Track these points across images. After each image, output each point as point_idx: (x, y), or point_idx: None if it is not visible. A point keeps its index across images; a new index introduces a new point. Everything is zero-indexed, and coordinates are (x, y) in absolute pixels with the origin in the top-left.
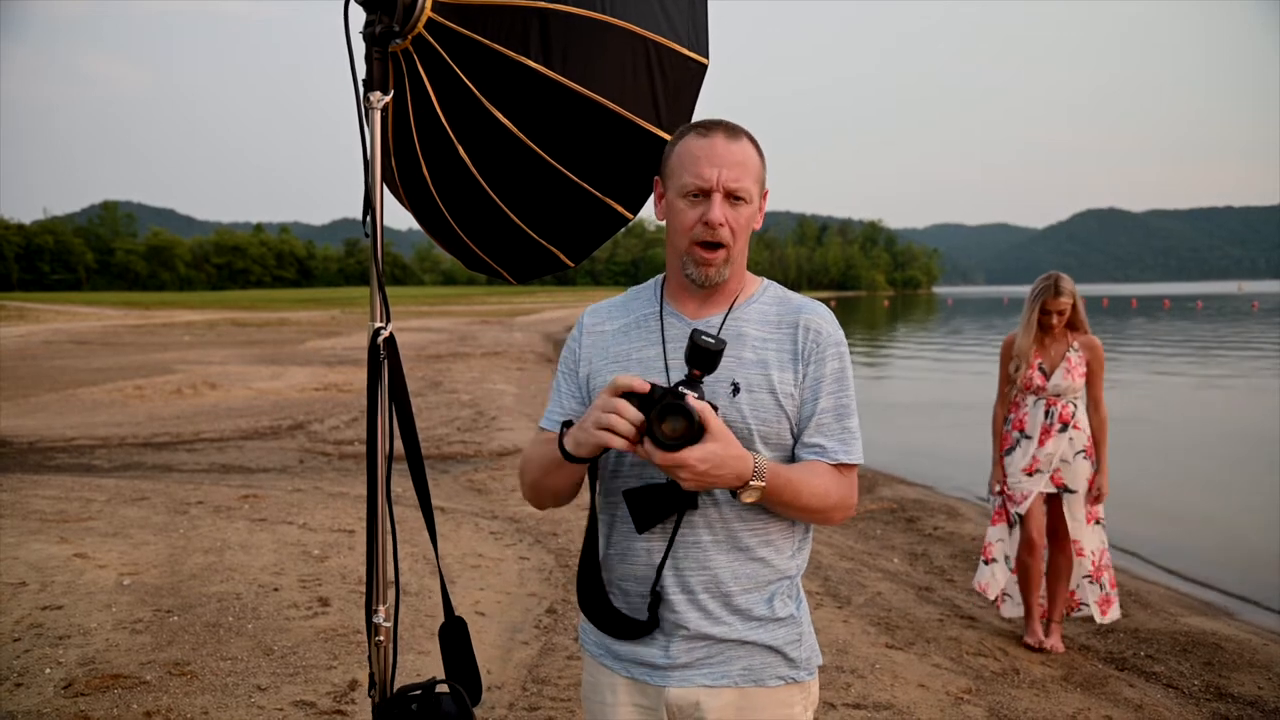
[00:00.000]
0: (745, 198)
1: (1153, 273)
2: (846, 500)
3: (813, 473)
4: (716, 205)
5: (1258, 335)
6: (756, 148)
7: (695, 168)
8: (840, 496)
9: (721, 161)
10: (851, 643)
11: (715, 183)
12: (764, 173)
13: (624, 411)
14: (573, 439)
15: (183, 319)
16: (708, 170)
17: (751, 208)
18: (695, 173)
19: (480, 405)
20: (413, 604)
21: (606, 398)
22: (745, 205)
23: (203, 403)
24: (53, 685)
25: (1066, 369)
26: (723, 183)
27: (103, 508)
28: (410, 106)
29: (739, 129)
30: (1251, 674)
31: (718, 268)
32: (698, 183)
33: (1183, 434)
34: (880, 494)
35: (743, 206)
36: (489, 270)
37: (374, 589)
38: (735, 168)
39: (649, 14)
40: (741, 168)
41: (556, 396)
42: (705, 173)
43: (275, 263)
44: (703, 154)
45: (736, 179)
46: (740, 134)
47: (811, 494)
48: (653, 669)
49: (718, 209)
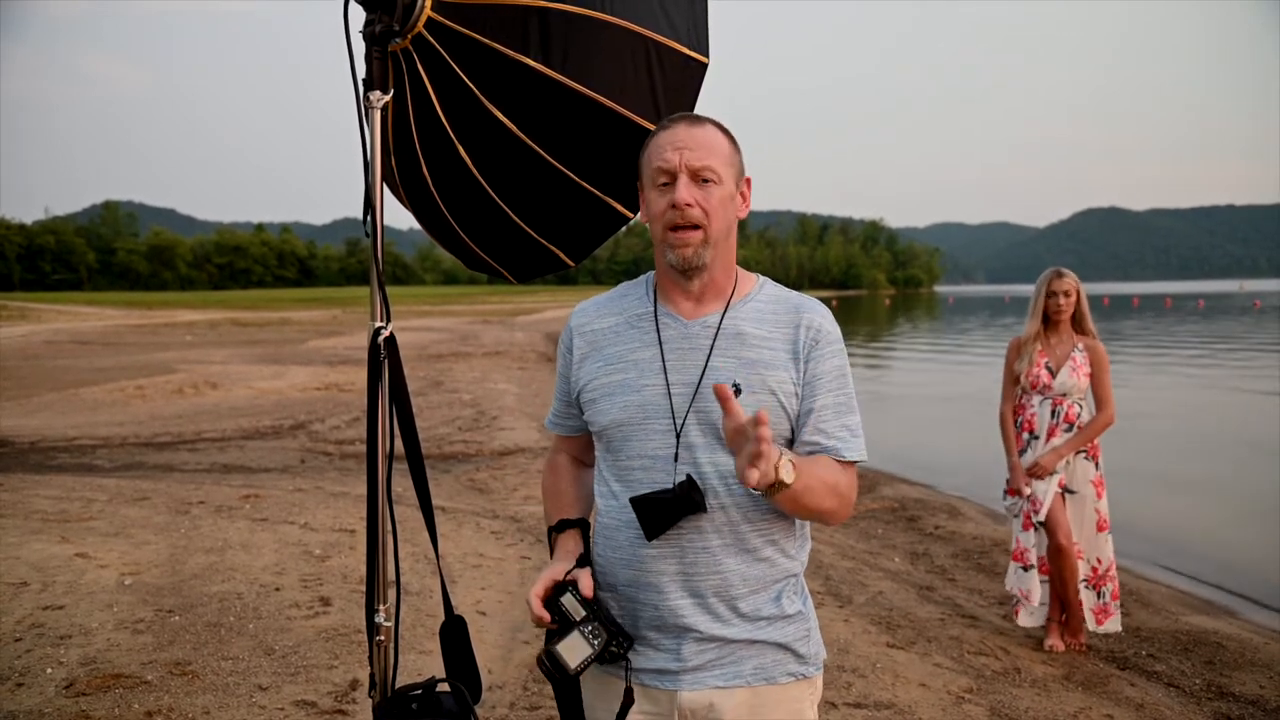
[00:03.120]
0: (713, 178)
1: (1154, 271)
2: (847, 499)
3: (824, 466)
4: (682, 186)
5: (1259, 334)
6: (725, 133)
7: (660, 154)
8: (847, 491)
9: (683, 144)
10: (853, 642)
11: (679, 164)
12: (737, 157)
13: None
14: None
15: (184, 319)
16: (671, 154)
17: (724, 189)
18: (661, 158)
19: (481, 405)
20: (414, 603)
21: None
22: (716, 186)
23: (204, 402)
24: (54, 685)
25: (1072, 367)
26: (685, 163)
27: (104, 507)
28: (410, 106)
29: (703, 117)
30: (1253, 673)
31: (694, 248)
32: (663, 166)
33: (1184, 432)
34: (881, 493)
35: (713, 188)
36: (489, 270)
37: (374, 588)
38: (698, 148)
39: (649, 12)
40: (705, 149)
41: (556, 398)
42: (669, 156)
43: (276, 262)
44: (667, 141)
45: (700, 159)
46: (704, 121)
47: (826, 489)
48: (664, 674)
49: (684, 189)
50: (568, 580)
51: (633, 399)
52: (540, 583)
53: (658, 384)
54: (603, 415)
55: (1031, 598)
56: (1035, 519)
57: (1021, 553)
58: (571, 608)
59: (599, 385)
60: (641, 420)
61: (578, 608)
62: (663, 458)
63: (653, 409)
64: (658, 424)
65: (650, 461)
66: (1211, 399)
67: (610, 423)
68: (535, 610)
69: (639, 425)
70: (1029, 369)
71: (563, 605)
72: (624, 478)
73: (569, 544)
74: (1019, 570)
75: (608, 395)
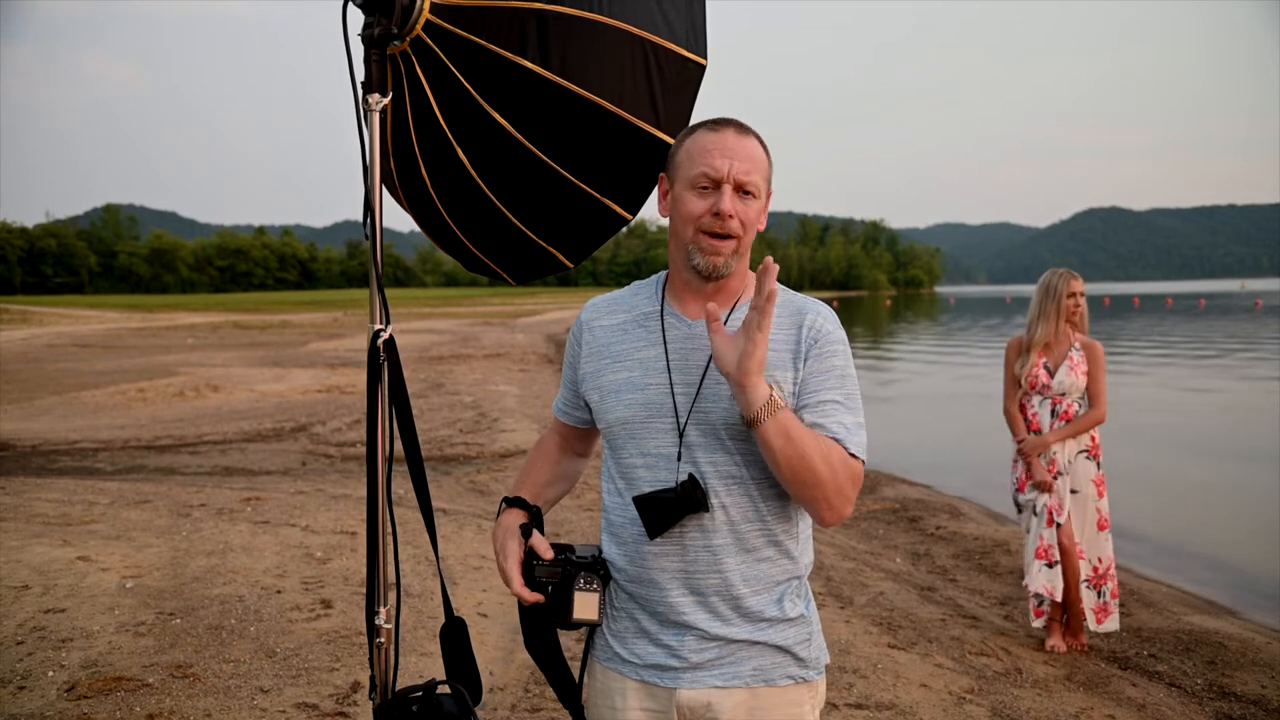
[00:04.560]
0: (754, 192)
1: (1155, 271)
2: (845, 489)
3: (820, 436)
4: (727, 196)
5: (1261, 333)
6: (765, 148)
7: (707, 159)
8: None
9: (733, 154)
10: (854, 643)
11: (727, 174)
12: (771, 173)
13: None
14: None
15: (185, 321)
16: (720, 161)
17: (759, 204)
18: (707, 164)
19: (482, 407)
20: (415, 606)
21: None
22: (754, 200)
23: (205, 405)
24: (55, 688)
25: (1070, 366)
26: (734, 175)
27: (105, 510)
28: (409, 108)
29: (749, 128)
30: (1254, 673)
31: (726, 258)
32: (709, 173)
33: (1185, 432)
34: (882, 494)
35: (751, 201)
36: (489, 272)
37: (374, 591)
38: (746, 161)
39: (647, 15)
40: (751, 162)
41: (563, 385)
42: (718, 164)
43: (278, 265)
44: (715, 147)
45: (747, 172)
46: (750, 132)
47: (817, 448)
48: (663, 671)
49: (729, 200)
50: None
51: (637, 397)
52: (514, 577)
53: (661, 383)
54: (609, 413)
55: (1058, 595)
56: (1058, 519)
57: (1046, 549)
58: (549, 576)
59: (605, 382)
60: (645, 419)
61: (554, 572)
62: (665, 456)
63: (656, 408)
64: (661, 423)
65: (653, 460)
66: (1213, 399)
67: (615, 419)
68: (528, 599)
69: (642, 424)
70: (1029, 370)
71: (540, 579)
72: (628, 476)
73: (509, 520)
74: (1044, 568)
75: (614, 393)
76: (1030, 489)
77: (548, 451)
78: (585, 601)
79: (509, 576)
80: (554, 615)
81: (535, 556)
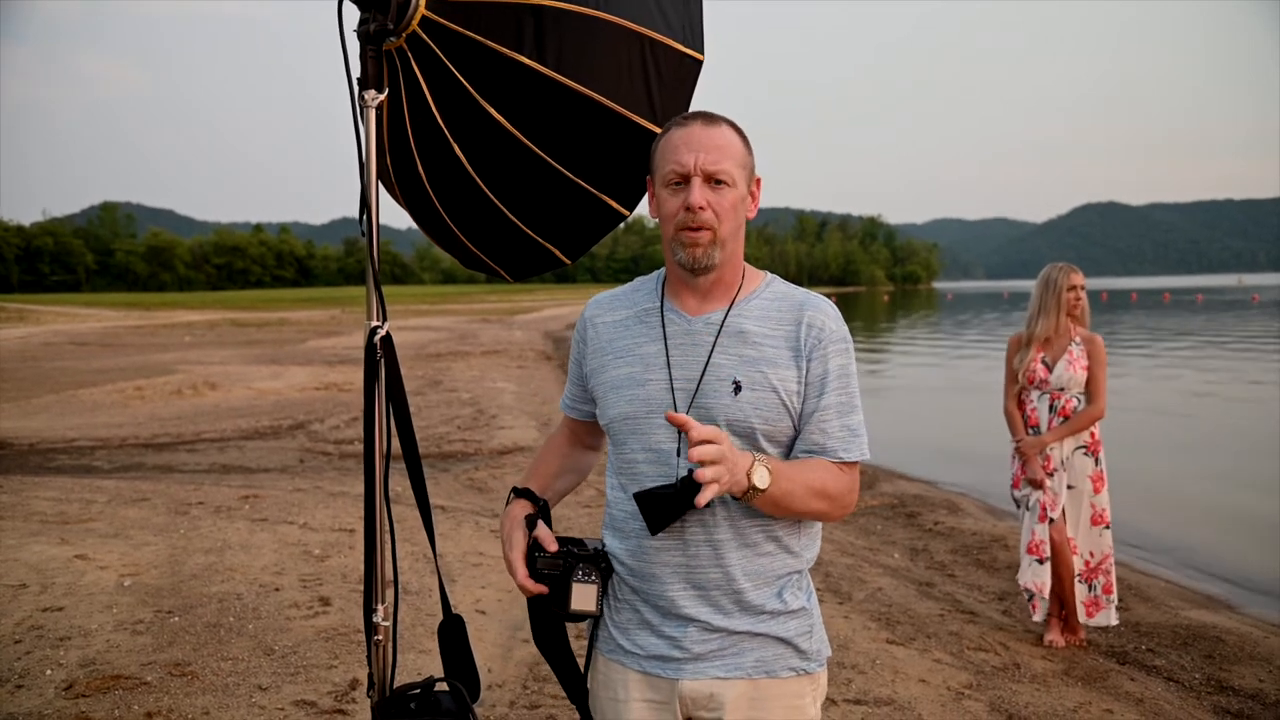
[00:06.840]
0: (726, 180)
1: (1153, 266)
2: (844, 499)
3: (812, 469)
4: (695, 189)
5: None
6: (739, 134)
7: (675, 155)
8: (839, 493)
9: (698, 146)
10: (852, 638)
11: (693, 167)
12: (750, 158)
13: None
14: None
15: (183, 319)
16: (686, 155)
17: (736, 191)
18: (675, 160)
19: (480, 404)
20: (414, 603)
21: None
22: (728, 189)
23: (203, 403)
24: (54, 687)
25: (1068, 361)
26: (700, 166)
27: (103, 509)
28: (405, 105)
29: (718, 116)
30: (1252, 667)
31: (704, 248)
32: (677, 169)
33: (1184, 426)
34: (881, 489)
35: (725, 190)
36: (486, 269)
37: (372, 588)
38: (713, 151)
39: (643, 9)
40: (720, 150)
41: (569, 380)
42: (684, 158)
43: (275, 262)
44: (681, 141)
45: (715, 161)
46: (719, 120)
47: (810, 492)
48: (666, 661)
49: (697, 192)
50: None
51: (637, 393)
52: (519, 568)
53: (661, 379)
54: (610, 409)
55: (1045, 590)
56: (1051, 515)
57: (1037, 545)
58: (551, 567)
59: (607, 378)
60: (645, 414)
61: (556, 564)
62: (666, 452)
63: (656, 404)
64: (661, 418)
65: (654, 455)
66: (1211, 393)
67: (617, 415)
68: (531, 590)
69: (643, 419)
70: (1027, 364)
71: (543, 572)
72: (629, 471)
73: (516, 511)
74: (1034, 563)
75: (615, 389)
76: (1024, 484)
77: (558, 444)
78: (583, 593)
79: (513, 567)
80: (555, 606)
81: (539, 548)
